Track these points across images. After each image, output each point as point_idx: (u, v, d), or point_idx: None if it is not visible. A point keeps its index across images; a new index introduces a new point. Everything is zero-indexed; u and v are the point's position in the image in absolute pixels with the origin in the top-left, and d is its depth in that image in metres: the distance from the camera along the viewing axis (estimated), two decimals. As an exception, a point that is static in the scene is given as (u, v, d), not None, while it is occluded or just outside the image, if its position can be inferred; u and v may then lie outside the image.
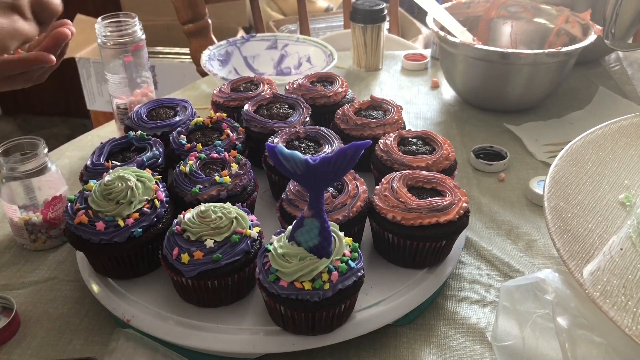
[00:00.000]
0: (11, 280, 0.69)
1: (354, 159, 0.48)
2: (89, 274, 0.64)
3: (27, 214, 0.71)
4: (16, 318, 0.62)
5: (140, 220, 0.60)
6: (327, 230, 0.52)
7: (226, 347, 0.55)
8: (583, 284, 0.50)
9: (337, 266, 0.53)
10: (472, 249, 0.72)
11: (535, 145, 0.93)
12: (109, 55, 0.88)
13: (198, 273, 0.55)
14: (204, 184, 0.65)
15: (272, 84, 0.89)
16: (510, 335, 0.55)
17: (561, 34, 1.07)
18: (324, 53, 1.13)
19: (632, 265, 0.52)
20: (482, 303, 0.64)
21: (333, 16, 2.48)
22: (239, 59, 1.18)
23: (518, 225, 0.77)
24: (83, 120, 2.52)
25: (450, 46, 1.00)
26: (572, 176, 0.63)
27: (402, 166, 0.69)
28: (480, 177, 0.87)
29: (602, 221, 0.58)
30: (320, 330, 0.55)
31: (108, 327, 0.62)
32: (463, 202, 0.62)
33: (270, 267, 0.53)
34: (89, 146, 0.96)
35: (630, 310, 0.47)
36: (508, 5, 1.13)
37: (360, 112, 0.81)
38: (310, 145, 0.73)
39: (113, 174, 0.62)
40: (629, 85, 1.13)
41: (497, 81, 0.98)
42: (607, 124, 0.72)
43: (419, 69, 1.22)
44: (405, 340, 0.60)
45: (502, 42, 1.15)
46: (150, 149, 0.72)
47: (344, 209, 0.61)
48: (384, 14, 1.17)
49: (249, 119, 0.79)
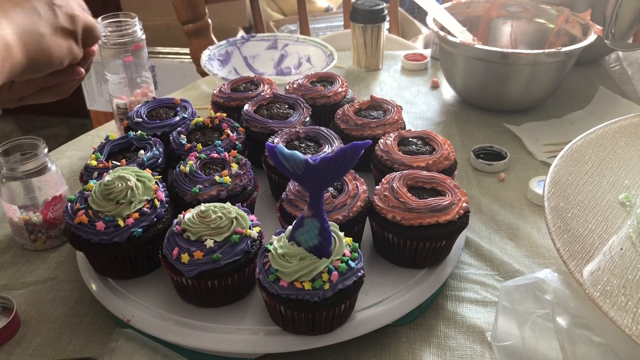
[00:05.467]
0: (11, 280, 0.69)
1: (354, 159, 0.48)
2: (89, 274, 0.64)
3: (27, 214, 0.71)
4: (16, 318, 0.62)
5: (140, 220, 0.60)
6: (327, 230, 0.52)
7: (226, 347, 0.55)
8: (583, 284, 0.50)
9: (337, 266, 0.53)
10: (472, 249, 0.72)
11: (535, 145, 0.93)
12: (109, 55, 0.88)
13: (198, 273, 0.55)
14: (204, 184, 0.65)
15: (272, 84, 0.89)
16: (510, 335, 0.55)
17: (561, 34, 1.07)
18: (324, 53, 1.13)
19: (632, 265, 0.52)
20: (482, 303, 0.64)
21: (333, 16, 2.48)
22: (239, 59, 1.18)
23: (518, 225, 0.77)
24: (83, 120, 2.52)
25: (450, 46, 1.00)
26: (572, 176, 0.63)
27: (402, 166, 0.69)
28: (480, 177, 0.87)
29: (602, 221, 0.58)
30: (320, 330, 0.55)
31: (108, 327, 0.62)
32: (463, 202, 0.62)
33: (270, 267, 0.53)
34: (89, 146, 0.96)
35: (630, 310, 0.47)
36: (508, 5, 1.13)
37: (360, 112, 0.81)
38: (310, 145, 0.73)
39: (113, 174, 0.62)
40: (629, 85, 1.13)
41: (497, 81, 0.98)
42: (607, 124, 0.72)
43: (419, 69, 1.22)
44: (405, 340, 0.60)
45: (502, 42, 1.15)
46: (150, 149, 0.72)
47: (344, 209, 0.61)
48: (384, 14, 1.17)
49: (249, 119, 0.79)
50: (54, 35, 0.60)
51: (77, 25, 0.63)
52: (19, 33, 0.56)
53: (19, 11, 0.57)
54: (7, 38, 0.54)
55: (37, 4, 0.60)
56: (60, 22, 0.61)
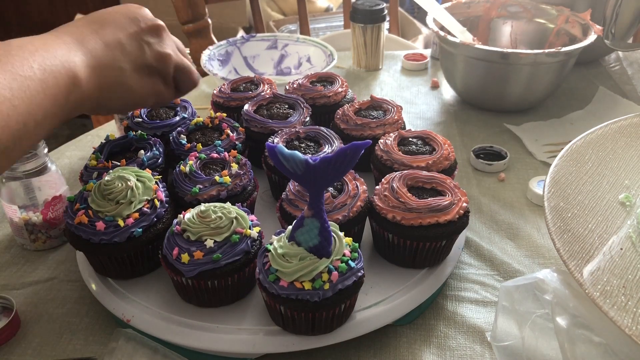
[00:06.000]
0: (11, 280, 0.69)
1: (354, 159, 0.48)
2: (89, 274, 0.64)
3: (27, 214, 0.71)
4: (16, 318, 0.62)
5: (140, 220, 0.60)
6: (327, 230, 0.52)
7: (226, 347, 0.55)
8: (583, 284, 0.50)
9: (337, 266, 0.53)
10: (472, 249, 0.72)
11: (535, 145, 0.93)
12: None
13: (198, 273, 0.55)
14: (204, 184, 0.65)
15: (272, 84, 0.89)
16: (509, 335, 0.55)
17: (561, 34, 1.07)
18: (324, 53, 1.13)
19: (632, 265, 0.52)
20: (482, 303, 0.64)
21: (333, 16, 2.48)
22: (239, 59, 1.18)
23: (518, 225, 0.77)
24: (83, 120, 2.52)
25: (450, 46, 1.00)
26: (572, 176, 0.63)
27: (402, 166, 0.69)
28: (480, 177, 0.87)
29: (602, 221, 0.58)
30: (320, 330, 0.55)
31: (108, 327, 0.62)
32: (463, 202, 0.62)
33: (270, 267, 0.53)
34: (89, 146, 0.96)
35: (630, 310, 0.47)
36: (508, 5, 1.13)
37: (360, 112, 0.81)
38: (310, 145, 0.73)
39: (113, 174, 0.62)
40: (629, 85, 1.13)
41: (497, 81, 0.98)
42: (607, 124, 0.72)
43: (419, 69, 1.22)
44: (405, 340, 0.60)
45: (502, 42, 1.15)
46: (150, 149, 0.72)
47: (344, 209, 0.61)
48: (384, 14, 1.17)
49: (249, 119, 0.79)
50: (135, 71, 0.56)
51: (167, 65, 0.59)
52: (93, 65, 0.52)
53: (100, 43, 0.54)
54: (75, 69, 0.50)
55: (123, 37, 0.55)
56: (146, 59, 0.57)
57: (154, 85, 0.59)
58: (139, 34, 0.57)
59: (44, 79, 0.46)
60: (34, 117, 0.46)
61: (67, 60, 0.49)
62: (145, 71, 0.57)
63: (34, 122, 0.46)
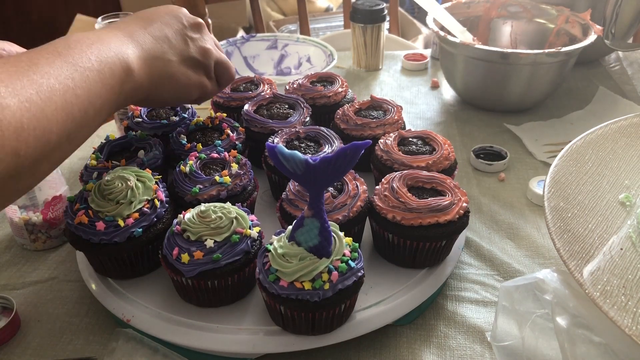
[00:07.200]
0: (11, 280, 0.69)
1: (354, 159, 0.48)
2: (89, 274, 0.64)
3: (27, 214, 0.71)
4: (16, 318, 0.62)
5: (140, 220, 0.60)
6: (327, 230, 0.52)
7: (226, 347, 0.55)
8: (583, 284, 0.50)
9: (337, 266, 0.53)
10: (472, 249, 0.72)
11: (535, 145, 0.93)
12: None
13: (198, 273, 0.55)
14: (204, 184, 0.65)
15: (272, 84, 0.89)
16: (509, 335, 0.55)
17: (561, 34, 1.07)
18: (324, 53, 1.13)
19: (632, 265, 0.52)
20: (482, 303, 0.64)
21: (333, 16, 2.48)
22: (239, 59, 1.18)
23: (518, 225, 0.77)
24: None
25: (450, 46, 1.00)
26: (572, 176, 0.63)
27: (402, 166, 0.69)
28: (480, 177, 0.87)
29: (602, 221, 0.58)
30: (320, 330, 0.55)
31: (108, 327, 0.62)
32: (463, 202, 0.62)
33: (270, 267, 0.53)
34: (89, 146, 0.96)
35: (630, 310, 0.47)
36: (508, 5, 1.13)
37: (360, 112, 0.81)
38: (310, 145, 0.73)
39: (113, 174, 0.62)
40: (629, 85, 1.13)
41: (497, 81, 0.98)
42: (607, 124, 0.72)
43: (419, 69, 1.22)
44: (405, 340, 0.60)
45: (502, 42, 1.15)
46: (150, 149, 0.72)
47: (344, 209, 0.61)
48: (384, 14, 1.17)
49: (249, 119, 0.79)
50: (181, 63, 0.60)
51: (209, 59, 0.64)
52: (144, 57, 0.55)
53: (149, 37, 0.57)
54: (128, 60, 0.53)
55: (169, 32, 0.60)
56: (191, 53, 0.61)
57: (199, 78, 0.62)
58: (183, 30, 0.62)
59: (101, 70, 0.49)
60: (94, 106, 0.48)
61: (121, 52, 0.52)
62: (190, 63, 0.61)
63: (93, 110, 0.48)
